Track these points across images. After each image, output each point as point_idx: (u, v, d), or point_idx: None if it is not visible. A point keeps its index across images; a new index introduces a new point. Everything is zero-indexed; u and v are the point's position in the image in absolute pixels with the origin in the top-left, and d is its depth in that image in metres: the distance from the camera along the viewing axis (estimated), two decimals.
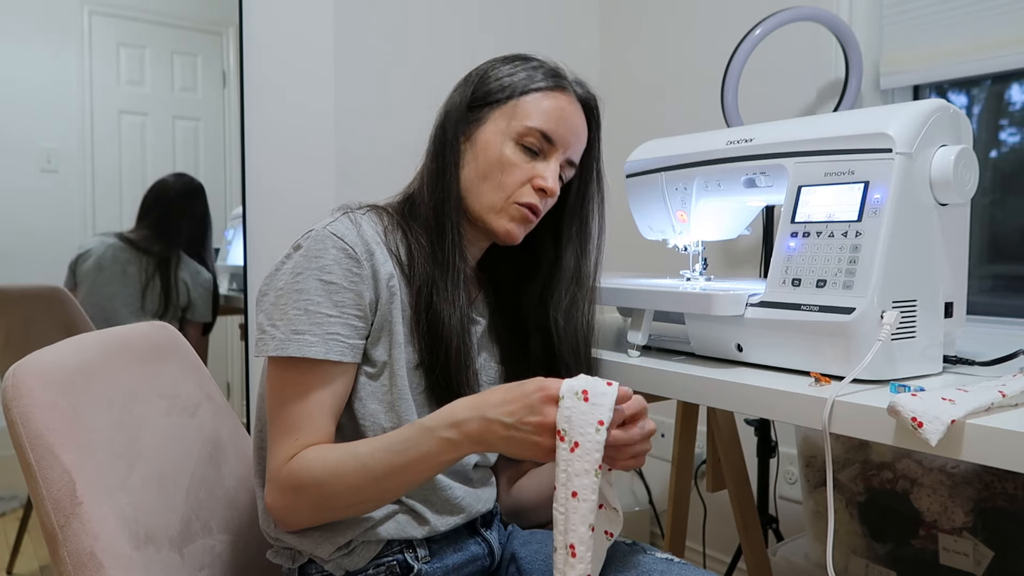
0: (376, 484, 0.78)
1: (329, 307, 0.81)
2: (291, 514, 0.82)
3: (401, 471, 0.77)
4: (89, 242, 1.88)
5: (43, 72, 1.86)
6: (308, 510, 0.81)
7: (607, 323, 1.52)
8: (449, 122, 0.94)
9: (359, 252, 0.83)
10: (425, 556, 0.88)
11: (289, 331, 0.80)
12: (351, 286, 0.82)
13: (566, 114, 0.93)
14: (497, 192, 0.91)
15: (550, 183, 0.92)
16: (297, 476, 0.79)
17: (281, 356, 0.81)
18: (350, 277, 0.82)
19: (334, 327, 0.81)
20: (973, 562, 1.21)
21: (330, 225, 0.85)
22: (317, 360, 0.81)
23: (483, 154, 0.91)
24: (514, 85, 0.93)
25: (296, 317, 0.81)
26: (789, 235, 0.93)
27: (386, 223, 0.91)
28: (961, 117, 0.90)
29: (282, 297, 0.82)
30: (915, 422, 0.67)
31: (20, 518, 2.03)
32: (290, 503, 0.80)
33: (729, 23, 1.88)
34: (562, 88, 0.94)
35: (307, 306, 0.81)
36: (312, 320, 0.81)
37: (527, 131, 0.91)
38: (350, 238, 0.84)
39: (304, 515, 0.82)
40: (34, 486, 0.73)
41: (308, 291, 0.81)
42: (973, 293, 1.28)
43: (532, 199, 0.92)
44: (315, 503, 0.80)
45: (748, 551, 1.54)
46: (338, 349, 0.81)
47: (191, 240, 2.00)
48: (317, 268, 0.82)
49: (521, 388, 0.74)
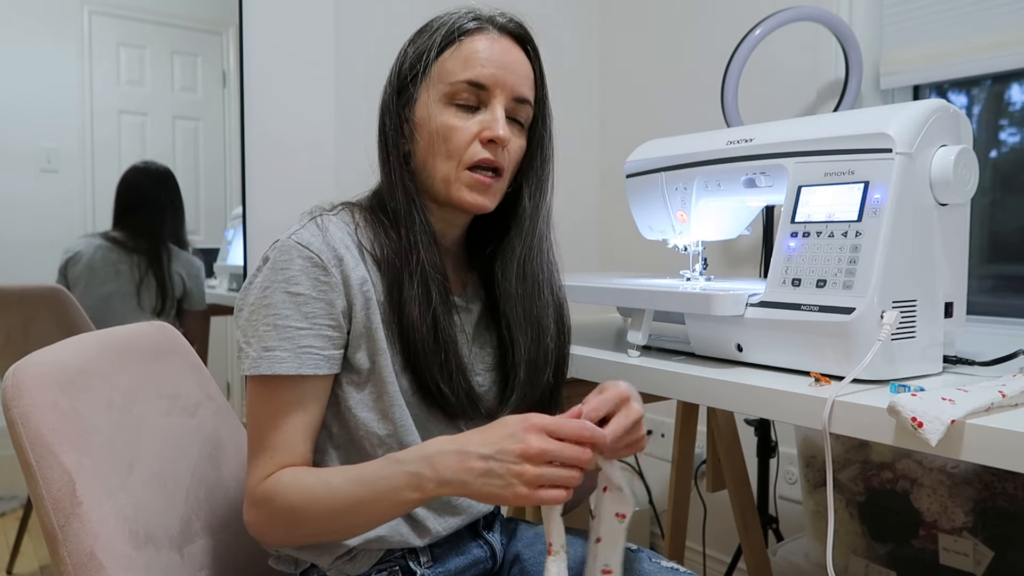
0: (344, 516, 0.76)
1: (299, 320, 0.78)
2: (266, 533, 0.80)
3: (368, 505, 0.74)
4: (76, 245, 1.87)
5: (43, 72, 1.86)
6: (281, 532, 0.79)
7: (607, 323, 1.52)
8: (386, 111, 0.89)
9: (326, 259, 0.80)
10: (427, 561, 0.87)
11: (260, 348, 0.78)
12: (320, 296, 0.79)
13: (490, 53, 0.85)
14: (447, 162, 0.85)
15: (498, 131, 0.84)
16: (271, 499, 0.77)
17: (255, 375, 0.79)
18: (319, 287, 0.79)
19: (306, 340, 0.78)
20: (973, 562, 1.21)
21: (295, 234, 0.81)
22: (290, 376, 0.78)
23: (424, 131, 0.86)
24: (429, 48, 0.86)
25: (266, 333, 0.78)
26: (789, 235, 0.93)
27: (358, 220, 0.87)
28: (961, 117, 0.90)
29: (253, 313, 0.80)
30: (915, 422, 0.67)
31: (20, 518, 2.03)
32: (265, 521, 0.79)
33: (729, 23, 1.88)
34: (480, 29, 0.86)
35: (276, 321, 0.78)
36: (282, 335, 0.78)
37: (453, 88, 0.84)
38: (315, 246, 0.80)
39: (277, 536, 0.81)
40: (34, 486, 0.73)
41: (276, 305, 0.78)
42: (973, 293, 1.28)
43: (484, 154, 0.85)
44: (287, 527, 0.78)
45: (748, 551, 1.54)
46: (312, 363, 0.79)
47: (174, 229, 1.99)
48: (283, 280, 0.79)
49: (502, 421, 0.71)
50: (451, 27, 0.86)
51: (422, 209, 0.87)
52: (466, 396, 0.86)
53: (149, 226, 1.93)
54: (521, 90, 0.87)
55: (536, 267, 0.93)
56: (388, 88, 0.90)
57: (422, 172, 0.88)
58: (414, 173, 0.89)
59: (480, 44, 0.85)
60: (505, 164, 0.87)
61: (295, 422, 0.79)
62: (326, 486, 0.76)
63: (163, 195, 1.99)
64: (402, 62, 0.89)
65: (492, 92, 0.85)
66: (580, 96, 2.30)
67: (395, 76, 0.89)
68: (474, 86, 0.85)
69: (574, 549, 0.92)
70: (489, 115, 0.85)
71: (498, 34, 0.87)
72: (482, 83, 0.85)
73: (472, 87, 0.85)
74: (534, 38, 0.91)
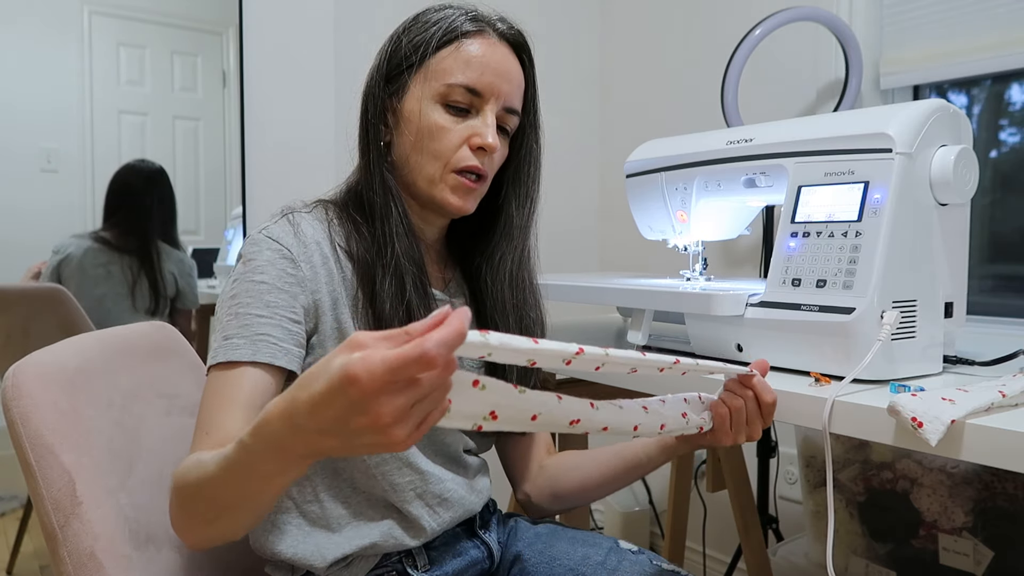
0: (219, 494, 0.64)
1: (259, 307, 0.76)
2: (175, 522, 0.70)
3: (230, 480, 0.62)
4: (66, 245, 1.86)
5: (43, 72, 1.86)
6: (184, 520, 0.69)
7: (607, 323, 1.52)
8: (370, 100, 0.87)
9: (295, 254, 0.79)
10: (424, 564, 0.86)
11: (221, 338, 0.75)
12: (285, 287, 0.78)
13: (489, 60, 0.84)
14: (433, 162, 0.84)
15: (488, 139, 0.83)
16: (174, 482, 0.69)
17: (212, 365, 0.75)
18: (284, 278, 0.78)
19: (263, 328, 0.75)
20: (973, 562, 1.21)
21: (266, 228, 0.81)
22: (243, 363, 0.74)
23: (411, 125, 0.84)
24: (427, 42, 0.84)
25: (228, 323, 0.76)
26: (789, 235, 0.93)
27: (331, 217, 0.86)
28: (961, 117, 0.90)
29: (221, 307, 0.79)
30: (915, 422, 0.67)
31: (20, 518, 2.03)
32: (171, 510, 0.70)
33: (729, 23, 1.88)
34: (480, 32, 0.85)
35: (237, 309, 0.76)
36: (241, 323, 0.75)
37: (448, 89, 0.83)
38: (286, 240, 0.79)
39: (181, 524, 0.70)
40: (34, 486, 0.73)
41: (240, 294, 0.77)
42: (973, 293, 1.28)
43: (472, 161, 0.84)
44: (183, 510, 0.68)
45: (748, 551, 1.54)
46: (268, 351, 0.74)
47: (164, 227, 1.98)
48: (250, 271, 0.78)
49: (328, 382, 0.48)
50: (451, 24, 0.85)
51: (400, 201, 0.86)
52: None
53: (137, 224, 1.92)
54: (513, 101, 0.87)
55: (524, 274, 0.94)
56: (375, 74, 0.88)
57: (404, 166, 0.87)
58: (393, 165, 0.88)
59: (480, 48, 0.85)
60: (489, 171, 0.87)
61: (239, 411, 0.73)
62: (197, 463, 0.66)
63: (151, 193, 1.97)
64: (394, 50, 0.87)
65: (486, 99, 0.85)
66: (580, 96, 2.30)
67: (384, 63, 0.88)
68: (469, 91, 0.84)
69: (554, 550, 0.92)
70: (480, 121, 0.85)
71: (497, 39, 0.86)
72: (478, 90, 0.84)
73: (468, 92, 0.84)
74: (531, 47, 0.90)
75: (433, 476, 0.86)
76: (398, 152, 0.87)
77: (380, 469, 0.83)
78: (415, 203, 0.89)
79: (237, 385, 0.74)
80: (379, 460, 0.83)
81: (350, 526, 0.83)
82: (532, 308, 0.95)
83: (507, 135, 0.90)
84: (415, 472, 0.84)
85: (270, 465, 0.57)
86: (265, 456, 0.57)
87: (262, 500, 0.65)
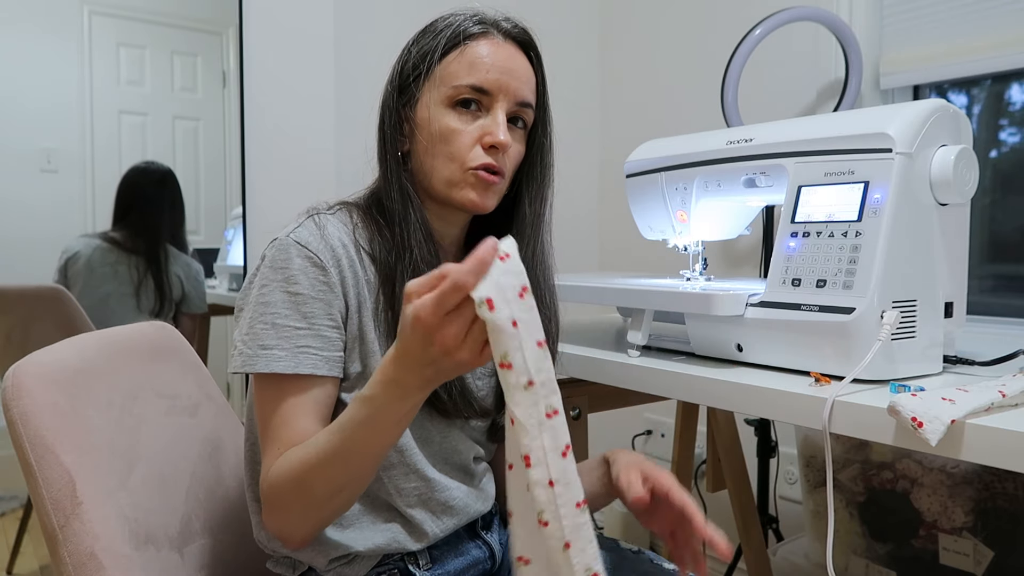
0: (345, 461, 0.72)
1: (297, 319, 0.78)
2: (285, 526, 0.77)
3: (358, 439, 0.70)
4: (75, 244, 1.87)
5: (43, 72, 1.86)
6: (297, 514, 0.76)
7: (607, 323, 1.52)
8: (386, 112, 0.89)
9: (325, 260, 0.80)
10: (426, 563, 0.87)
11: (257, 347, 0.78)
12: (319, 296, 0.79)
13: (494, 58, 0.85)
14: (449, 164, 0.85)
15: (499, 136, 0.84)
16: (275, 485, 0.75)
17: (250, 372, 0.78)
18: (317, 287, 0.79)
19: (304, 339, 0.78)
20: (973, 562, 1.21)
21: (293, 232, 0.81)
22: (288, 375, 0.78)
23: (424, 131, 0.86)
24: (433, 49, 0.86)
25: (264, 332, 0.78)
26: (789, 235, 0.93)
27: (356, 220, 0.87)
28: (961, 117, 0.90)
29: (252, 312, 0.79)
30: (915, 422, 0.67)
31: (20, 518, 2.03)
32: (279, 513, 0.77)
33: (729, 23, 1.88)
34: (484, 33, 0.87)
35: (275, 320, 0.78)
36: (280, 334, 0.78)
37: (456, 91, 0.85)
38: (314, 245, 0.80)
39: (295, 521, 0.77)
40: (34, 486, 0.73)
41: (274, 304, 0.78)
42: (973, 293, 1.28)
43: (486, 159, 0.85)
44: (299, 503, 0.75)
45: (748, 551, 1.55)
46: (310, 362, 0.78)
47: (173, 230, 1.99)
48: (283, 279, 0.79)
49: (405, 327, 0.62)
50: (456, 30, 0.86)
51: (419, 208, 0.87)
52: (460, 395, 0.86)
53: (148, 227, 1.93)
54: (524, 94, 0.88)
55: (539, 273, 0.94)
56: (389, 87, 0.90)
57: (422, 172, 0.88)
58: (412, 172, 0.89)
59: (484, 49, 0.85)
60: (506, 168, 0.88)
61: (303, 420, 0.78)
62: (313, 446, 0.73)
63: (163, 196, 1.98)
64: (405, 61, 0.89)
65: (495, 97, 0.85)
66: (580, 96, 2.30)
67: (397, 75, 0.89)
68: (477, 91, 0.85)
69: None
70: (491, 120, 0.85)
71: (502, 39, 0.87)
72: (485, 88, 0.85)
73: (475, 91, 0.85)
74: (537, 44, 0.91)
75: (439, 484, 0.86)
76: (416, 160, 0.88)
77: (388, 473, 0.83)
78: (435, 205, 0.90)
79: (294, 397, 0.79)
80: (387, 464, 0.83)
81: (353, 527, 0.83)
82: (547, 308, 0.93)
83: (523, 131, 0.90)
84: (421, 479, 0.85)
85: (396, 405, 0.67)
86: (392, 399, 0.67)
87: (384, 453, 0.74)
